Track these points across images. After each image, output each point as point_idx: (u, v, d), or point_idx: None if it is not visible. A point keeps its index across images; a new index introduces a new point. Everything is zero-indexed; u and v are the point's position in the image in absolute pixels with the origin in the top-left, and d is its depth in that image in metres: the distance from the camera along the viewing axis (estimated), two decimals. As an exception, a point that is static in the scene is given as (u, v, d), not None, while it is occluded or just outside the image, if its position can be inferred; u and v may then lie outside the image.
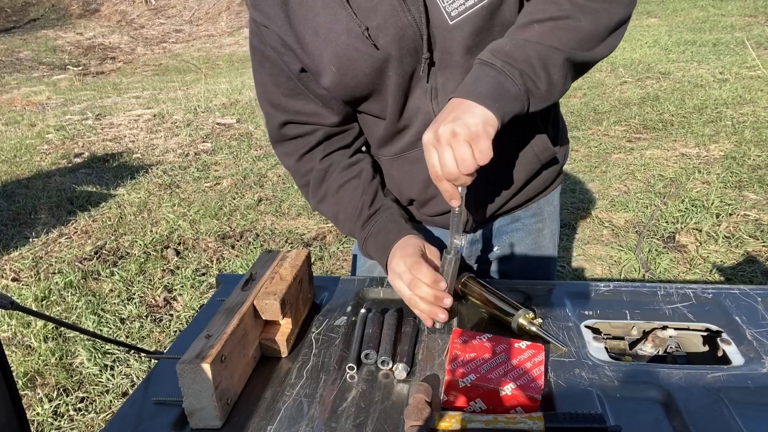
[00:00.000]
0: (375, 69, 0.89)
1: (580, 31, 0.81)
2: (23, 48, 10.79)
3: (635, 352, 0.94)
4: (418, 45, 0.87)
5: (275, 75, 0.97)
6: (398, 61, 0.88)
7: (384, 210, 1.01)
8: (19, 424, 0.75)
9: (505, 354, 0.78)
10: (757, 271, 2.63)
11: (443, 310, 0.87)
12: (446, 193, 0.82)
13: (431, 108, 0.95)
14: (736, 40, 7.05)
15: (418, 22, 0.85)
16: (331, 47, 0.88)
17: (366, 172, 1.04)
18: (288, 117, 1.01)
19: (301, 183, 1.07)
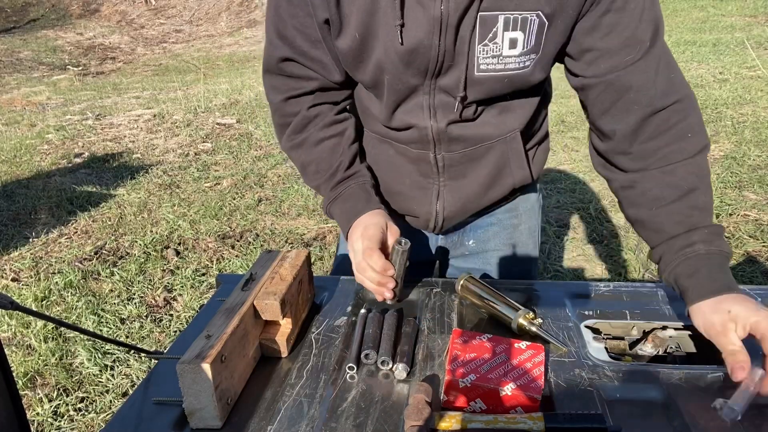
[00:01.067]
0: (389, 60, 0.90)
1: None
2: (23, 48, 10.79)
3: (635, 352, 0.94)
4: (431, 68, 0.90)
5: (296, 6, 0.92)
6: (406, 65, 0.90)
7: (358, 176, 1.03)
8: (19, 424, 0.75)
9: (505, 354, 0.78)
10: (757, 271, 2.63)
11: (389, 289, 0.91)
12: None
13: (429, 125, 0.98)
14: (736, 40, 7.05)
15: (441, 49, 0.87)
16: (363, 16, 0.88)
17: (349, 132, 1.05)
18: (292, 54, 0.97)
19: (280, 122, 1.06)
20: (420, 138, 1.00)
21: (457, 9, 0.82)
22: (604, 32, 0.85)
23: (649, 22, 0.85)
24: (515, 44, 0.85)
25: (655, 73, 0.87)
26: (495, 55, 0.86)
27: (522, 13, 0.83)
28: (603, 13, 0.84)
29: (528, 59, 0.88)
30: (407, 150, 1.04)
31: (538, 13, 0.83)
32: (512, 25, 0.83)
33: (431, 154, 1.02)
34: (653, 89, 0.87)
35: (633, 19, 0.84)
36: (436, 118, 0.97)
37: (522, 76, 0.89)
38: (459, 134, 0.99)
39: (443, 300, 1.01)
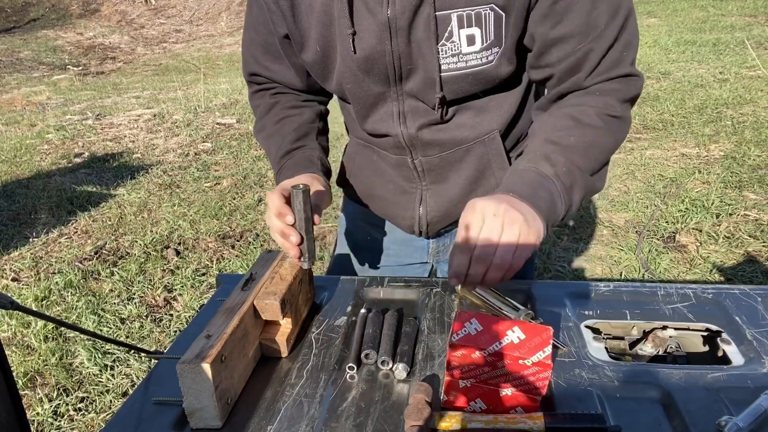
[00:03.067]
0: (348, 69, 0.92)
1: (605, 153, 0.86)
2: (23, 48, 10.79)
3: (635, 352, 0.94)
4: (391, 74, 0.89)
5: (259, 25, 0.99)
6: (365, 73, 0.90)
7: (307, 149, 1.03)
8: (19, 424, 0.75)
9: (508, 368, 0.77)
10: (757, 271, 2.63)
11: (294, 247, 0.86)
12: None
13: (399, 131, 0.98)
14: (736, 40, 7.04)
15: (395, 54, 0.86)
16: (321, 28, 0.89)
17: (308, 114, 1.07)
18: (258, 69, 1.05)
19: (254, 114, 1.13)
20: (395, 144, 1.01)
21: (404, 11, 0.81)
22: (556, 20, 0.82)
23: (607, 4, 0.81)
24: (473, 40, 0.83)
25: (599, 56, 0.84)
26: (454, 54, 0.85)
27: (475, 9, 0.81)
28: (554, 0, 0.81)
29: (491, 53, 0.85)
30: (387, 155, 1.05)
31: (492, 6, 0.81)
32: (466, 21, 0.82)
33: (409, 159, 1.03)
34: (592, 69, 0.85)
35: (585, 3, 0.80)
36: (406, 125, 0.96)
37: (487, 72, 0.87)
38: (432, 138, 0.98)
39: (443, 300, 1.01)
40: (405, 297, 1.03)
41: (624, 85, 0.86)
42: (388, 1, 0.82)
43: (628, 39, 0.84)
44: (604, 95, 0.86)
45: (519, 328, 0.71)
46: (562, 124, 0.85)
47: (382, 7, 0.82)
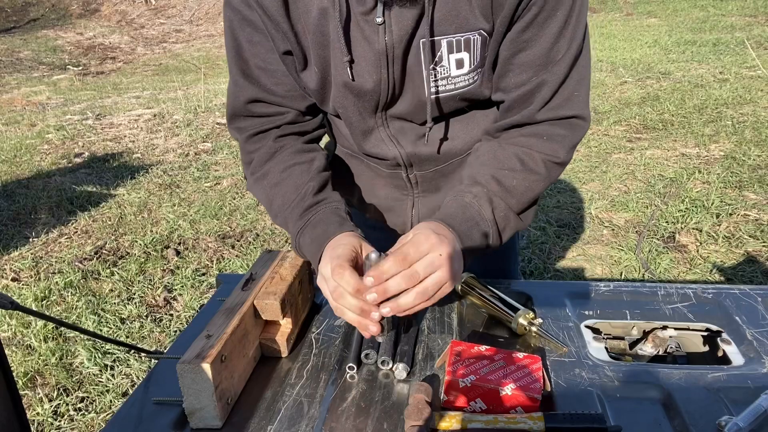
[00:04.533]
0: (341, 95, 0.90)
1: (537, 195, 0.90)
2: (23, 48, 10.79)
3: (635, 352, 0.94)
4: (382, 101, 0.89)
5: (256, 43, 0.89)
6: (357, 99, 0.90)
7: (329, 201, 0.92)
8: (19, 424, 0.75)
9: (504, 360, 0.78)
10: (757, 271, 2.63)
11: (374, 322, 0.74)
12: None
13: (398, 152, 0.98)
14: (736, 40, 7.05)
15: (390, 82, 0.86)
16: (318, 49, 0.87)
17: (318, 161, 0.98)
18: (259, 94, 0.93)
19: (246, 160, 0.99)
20: (391, 162, 1.01)
21: (401, 40, 0.81)
22: (520, 47, 0.83)
23: (567, 40, 0.82)
24: (462, 64, 0.85)
25: (552, 91, 0.85)
26: (444, 77, 0.86)
27: (464, 35, 0.82)
28: (524, 27, 0.81)
29: (476, 74, 0.87)
30: (379, 169, 1.05)
31: (480, 31, 0.82)
32: (456, 47, 0.83)
33: (404, 173, 1.03)
34: (544, 103, 0.86)
35: (550, 36, 0.81)
36: (401, 145, 0.97)
37: (472, 91, 0.89)
38: (429, 154, 0.98)
39: (443, 300, 1.01)
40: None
41: (570, 131, 0.88)
42: (385, 30, 0.81)
43: (581, 75, 0.86)
44: (552, 141, 0.88)
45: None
46: (509, 165, 0.87)
47: (378, 36, 0.82)
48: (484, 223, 0.83)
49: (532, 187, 0.88)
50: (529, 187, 0.87)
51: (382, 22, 0.80)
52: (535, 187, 0.88)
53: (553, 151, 0.88)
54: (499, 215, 0.85)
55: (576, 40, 0.83)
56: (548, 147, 0.87)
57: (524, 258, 2.92)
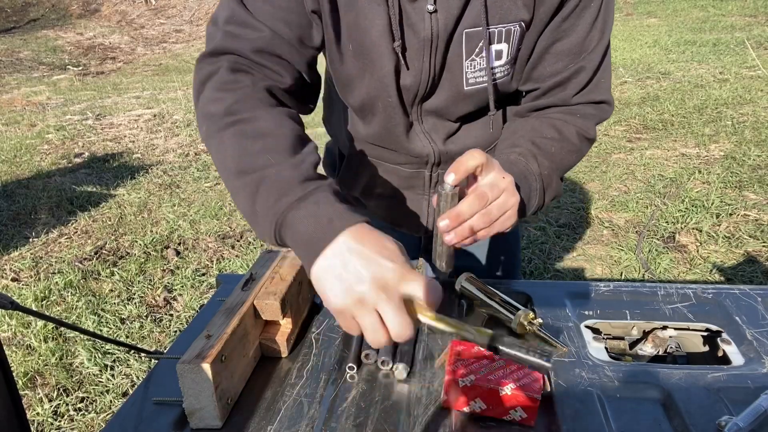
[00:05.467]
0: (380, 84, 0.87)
1: (571, 166, 0.93)
2: (23, 48, 10.79)
3: (635, 352, 0.94)
4: (420, 92, 0.88)
5: None
6: (399, 89, 0.88)
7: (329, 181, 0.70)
8: (19, 424, 0.75)
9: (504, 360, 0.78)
10: (757, 271, 2.63)
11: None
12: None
13: (431, 149, 0.96)
14: (736, 40, 7.05)
15: (431, 72, 0.85)
16: (351, 31, 0.82)
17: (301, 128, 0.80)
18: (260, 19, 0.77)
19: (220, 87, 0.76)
20: (418, 161, 0.99)
21: (446, 28, 0.81)
22: (558, 36, 0.85)
23: (599, 30, 0.85)
24: (501, 55, 0.85)
25: (588, 77, 0.88)
26: (482, 68, 0.86)
27: (506, 26, 0.82)
28: (565, 17, 0.83)
29: (510, 67, 0.88)
30: (399, 170, 1.02)
31: (520, 22, 0.82)
32: (497, 38, 0.83)
33: (427, 173, 1.02)
34: (580, 89, 0.89)
35: (586, 25, 0.84)
36: (434, 142, 0.96)
37: (504, 84, 0.90)
38: (457, 151, 0.97)
39: (443, 300, 1.01)
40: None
41: (599, 111, 0.92)
42: (431, 18, 0.80)
43: (608, 64, 0.90)
44: (585, 118, 0.91)
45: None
46: (548, 133, 0.89)
47: (424, 23, 0.80)
48: (532, 177, 0.84)
49: (567, 157, 0.90)
50: (565, 156, 0.89)
51: (434, 10, 0.79)
52: (570, 158, 0.90)
53: (586, 127, 0.91)
54: (544, 172, 0.86)
55: (608, 29, 0.86)
56: (582, 123, 0.91)
57: (524, 258, 2.92)
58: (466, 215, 0.72)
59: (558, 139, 0.89)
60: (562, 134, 0.89)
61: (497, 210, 0.73)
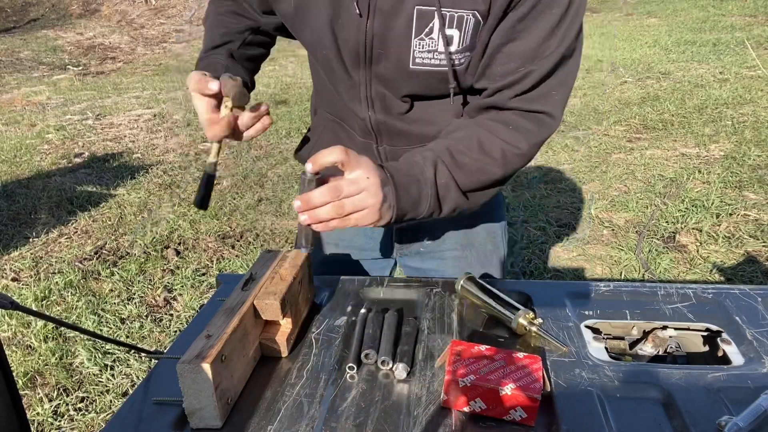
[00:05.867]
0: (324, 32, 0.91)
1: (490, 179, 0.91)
2: (23, 48, 10.79)
3: (635, 352, 0.94)
4: (361, 53, 0.90)
5: None
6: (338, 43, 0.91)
7: (217, 55, 1.03)
8: (19, 424, 0.75)
9: (504, 360, 0.78)
10: (757, 271, 2.63)
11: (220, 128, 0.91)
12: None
13: (368, 115, 0.98)
14: (736, 40, 7.05)
15: (368, 34, 0.87)
16: None
17: (244, 24, 1.07)
18: None
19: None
20: (363, 127, 1.02)
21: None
22: (512, 37, 0.84)
23: (558, 38, 0.83)
24: (451, 41, 0.85)
25: (533, 82, 0.86)
26: (431, 50, 0.86)
27: (458, 12, 0.82)
28: (520, 18, 0.82)
29: (463, 57, 0.87)
30: (355, 137, 1.06)
31: (474, 12, 0.82)
32: (448, 22, 0.83)
33: (374, 144, 1.04)
34: (521, 92, 0.87)
35: (543, 31, 0.82)
36: (374, 110, 0.97)
37: (457, 73, 0.89)
38: (400, 129, 0.99)
39: (443, 300, 1.01)
40: (405, 297, 1.03)
41: (537, 127, 0.89)
42: None
43: (564, 78, 0.87)
44: (517, 132, 0.89)
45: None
46: (467, 143, 0.89)
47: None
48: (425, 183, 0.85)
49: (483, 169, 0.89)
50: (481, 169, 0.89)
51: None
52: (488, 170, 0.89)
53: (516, 141, 0.89)
54: (441, 181, 0.87)
55: (567, 41, 0.83)
56: (511, 136, 0.88)
57: (524, 258, 2.92)
58: (315, 202, 0.77)
59: (476, 150, 0.88)
60: (482, 147, 0.88)
61: (351, 205, 0.77)
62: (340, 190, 0.77)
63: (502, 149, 0.88)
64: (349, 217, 0.79)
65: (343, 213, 0.78)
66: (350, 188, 0.77)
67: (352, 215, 0.79)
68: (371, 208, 0.79)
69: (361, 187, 0.78)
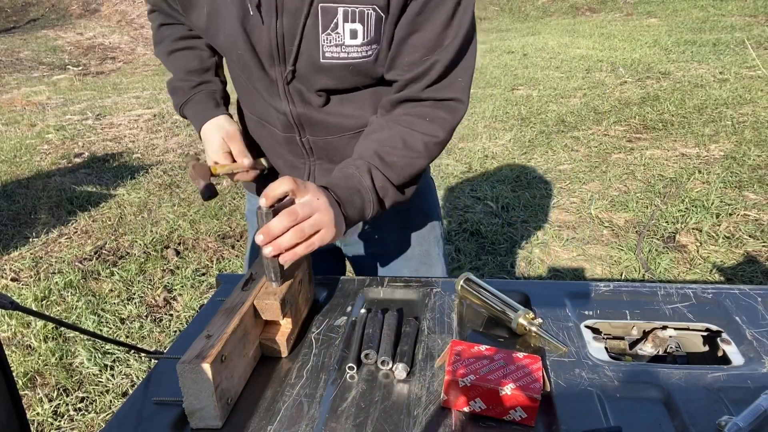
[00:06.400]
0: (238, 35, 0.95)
1: (418, 171, 0.99)
2: (23, 48, 10.79)
3: (635, 352, 0.94)
4: (273, 50, 0.95)
5: None
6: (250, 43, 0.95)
7: (212, 84, 1.15)
8: (19, 424, 0.75)
9: (504, 360, 0.78)
10: (757, 271, 2.63)
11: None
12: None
13: (288, 110, 1.03)
14: (736, 40, 7.05)
15: (278, 32, 0.92)
16: None
17: (204, 50, 1.14)
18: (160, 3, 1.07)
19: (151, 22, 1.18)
20: (283, 122, 1.06)
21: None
22: (414, 29, 0.91)
23: (454, 28, 0.91)
24: (356, 35, 0.91)
25: (439, 72, 0.93)
26: (338, 44, 0.92)
27: (359, 7, 0.88)
28: (418, 11, 0.89)
29: (370, 49, 0.93)
30: (276, 132, 1.10)
31: (374, 7, 0.88)
32: (351, 17, 0.89)
33: (297, 137, 1.08)
34: (432, 83, 0.94)
35: (440, 22, 0.90)
36: (294, 104, 1.02)
37: (366, 65, 0.95)
38: (319, 120, 1.04)
39: (443, 300, 1.01)
40: (405, 297, 1.03)
41: (450, 114, 0.98)
42: None
43: (466, 64, 0.96)
44: (434, 123, 0.97)
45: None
46: (392, 143, 0.96)
47: None
48: (365, 191, 0.93)
49: (412, 164, 0.97)
50: (410, 164, 0.97)
51: None
52: (415, 164, 0.98)
53: (434, 132, 0.97)
54: (378, 185, 0.95)
55: (462, 30, 0.92)
56: (430, 128, 0.97)
57: (524, 258, 2.93)
58: (276, 231, 0.79)
59: (401, 148, 0.96)
60: (406, 144, 0.96)
61: (310, 227, 0.81)
62: (296, 213, 0.80)
63: (424, 142, 0.97)
64: (311, 239, 0.82)
65: (304, 236, 0.81)
66: (305, 210, 0.81)
67: (313, 237, 0.82)
68: (327, 225, 0.84)
69: (314, 208, 0.82)
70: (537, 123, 4.89)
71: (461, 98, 0.97)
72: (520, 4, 11.86)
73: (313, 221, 0.81)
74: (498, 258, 2.92)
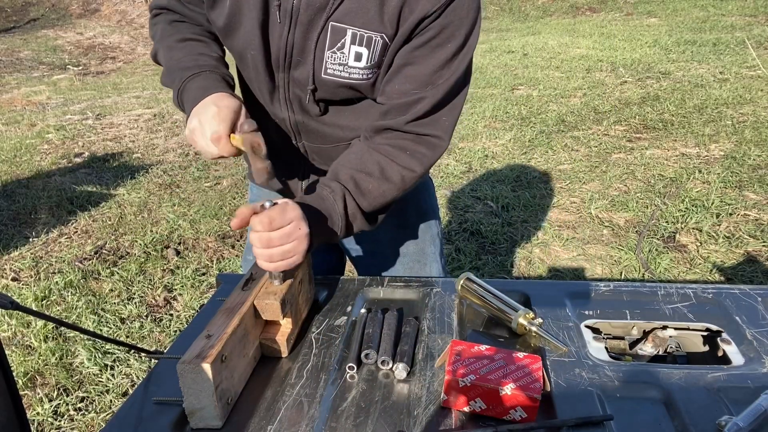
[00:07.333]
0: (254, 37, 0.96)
1: (389, 201, 1.01)
2: (23, 48, 10.79)
3: (635, 352, 0.94)
4: (282, 58, 0.97)
5: None
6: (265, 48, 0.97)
7: (217, 68, 1.06)
8: (19, 424, 0.75)
9: (504, 360, 0.78)
10: (757, 271, 2.63)
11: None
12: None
13: (287, 116, 1.06)
14: (736, 39, 7.05)
15: (289, 42, 0.94)
16: None
17: (216, 46, 1.10)
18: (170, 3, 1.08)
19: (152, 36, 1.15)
20: (283, 127, 1.09)
21: (307, 8, 0.90)
22: (411, 61, 0.93)
23: (451, 71, 0.93)
24: (360, 58, 0.93)
25: (426, 108, 0.94)
26: (341, 63, 0.94)
27: (368, 32, 0.91)
28: (419, 45, 0.91)
29: (371, 72, 0.96)
30: (272, 136, 1.12)
31: (382, 35, 0.91)
32: (358, 40, 0.91)
33: (294, 141, 1.11)
34: (416, 118, 0.95)
35: (438, 61, 0.92)
36: (293, 111, 1.05)
37: (365, 86, 0.97)
38: (316, 129, 1.07)
39: (443, 300, 1.01)
40: (405, 297, 1.03)
41: (431, 151, 0.99)
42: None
43: (454, 105, 0.98)
44: (413, 158, 0.98)
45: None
46: (370, 169, 0.98)
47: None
48: (336, 216, 0.96)
49: (384, 194, 0.99)
50: (382, 194, 0.99)
51: None
52: (388, 195, 0.99)
53: (412, 166, 0.98)
54: (350, 212, 0.97)
55: (457, 74, 0.94)
56: (409, 161, 0.98)
57: (524, 258, 2.93)
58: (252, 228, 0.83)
59: (378, 177, 0.98)
60: (383, 173, 0.98)
61: (278, 238, 0.84)
62: (273, 222, 0.83)
63: (402, 175, 0.98)
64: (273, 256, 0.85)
65: (269, 246, 0.84)
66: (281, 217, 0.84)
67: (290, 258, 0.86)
68: (300, 238, 0.86)
69: (288, 218, 0.85)
70: (537, 123, 4.89)
71: (443, 136, 0.99)
72: (520, 4, 11.85)
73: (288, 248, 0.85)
74: (498, 258, 2.92)
